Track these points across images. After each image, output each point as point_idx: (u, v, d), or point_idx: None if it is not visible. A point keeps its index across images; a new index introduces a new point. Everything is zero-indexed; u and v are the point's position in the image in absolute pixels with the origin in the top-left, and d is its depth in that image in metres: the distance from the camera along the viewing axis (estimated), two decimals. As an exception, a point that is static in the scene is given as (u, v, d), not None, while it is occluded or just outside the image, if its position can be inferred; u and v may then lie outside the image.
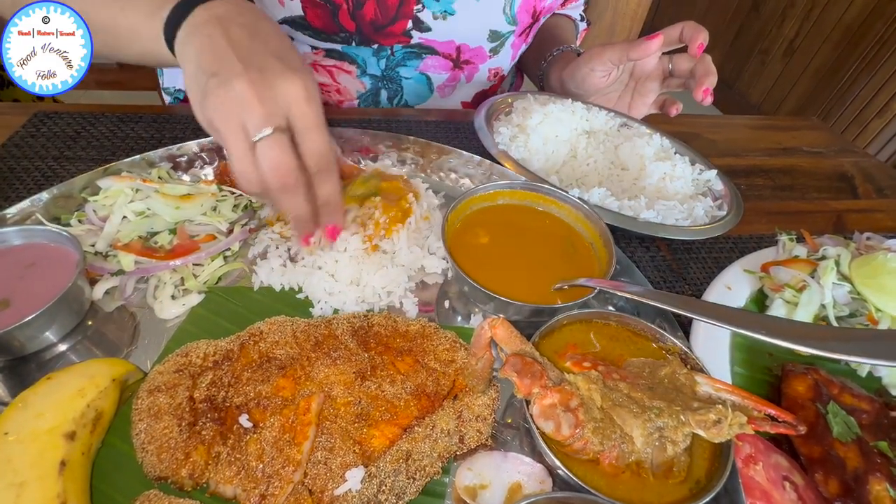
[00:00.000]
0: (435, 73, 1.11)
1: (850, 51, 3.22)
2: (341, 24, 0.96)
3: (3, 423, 0.43)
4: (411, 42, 1.02)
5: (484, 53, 1.08)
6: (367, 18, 0.96)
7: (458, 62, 1.09)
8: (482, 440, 0.55)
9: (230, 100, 0.53)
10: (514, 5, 1.02)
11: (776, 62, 3.68)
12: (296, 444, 0.50)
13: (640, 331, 0.60)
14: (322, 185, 0.60)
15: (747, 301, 0.71)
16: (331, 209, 0.63)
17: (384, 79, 1.10)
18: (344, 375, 0.57)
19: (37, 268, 0.60)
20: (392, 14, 0.97)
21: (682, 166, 0.88)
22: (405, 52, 1.05)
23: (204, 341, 0.60)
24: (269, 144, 0.54)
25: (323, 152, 0.58)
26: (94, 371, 0.51)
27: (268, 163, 0.55)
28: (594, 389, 0.50)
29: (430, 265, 0.71)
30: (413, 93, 1.15)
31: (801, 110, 3.56)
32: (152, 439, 0.50)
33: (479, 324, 0.54)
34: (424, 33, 1.01)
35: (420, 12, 0.98)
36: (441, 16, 0.99)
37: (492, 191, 0.75)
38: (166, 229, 0.68)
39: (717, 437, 0.45)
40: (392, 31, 1.00)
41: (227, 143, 0.55)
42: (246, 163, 0.55)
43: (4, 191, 0.79)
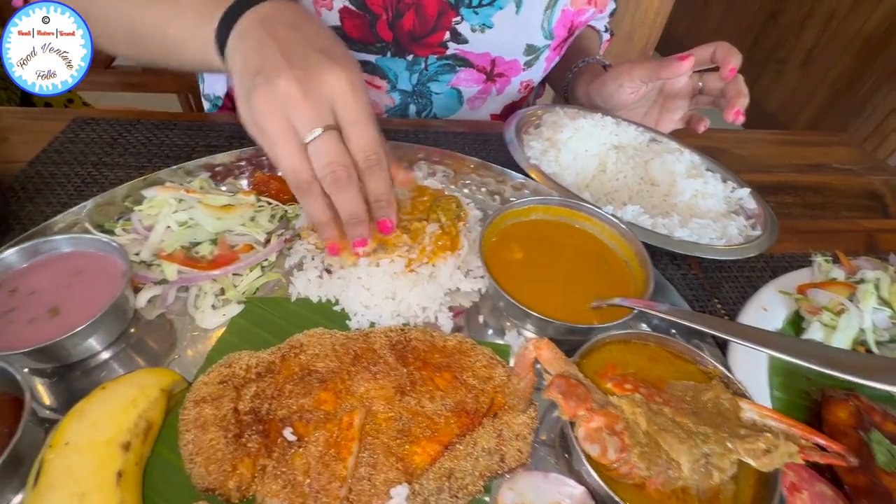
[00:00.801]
0: (466, 86, 1.11)
1: (869, 62, 3.19)
2: (378, 35, 0.97)
3: (62, 433, 0.44)
4: (447, 53, 1.03)
5: (518, 67, 1.09)
6: (406, 29, 0.97)
7: (491, 75, 1.09)
8: (522, 459, 0.55)
9: (276, 98, 0.53)
10: (552, 20, 1.02)
11: (793, 72, 3.65)
12: (340, 460, 0.51)
13: (679, 352, 0.60)
14: (372, 181, 0.58)
15: (784, 323, 0.70)
16: (382, 205, 0.61)
17: (414, 94, 1.11)
18: (384, 390, 0.58)
19: (84, 276, 0.61)
20: (431, 26, 0.97)
21: (713, 183, 0.88)
22: (439, 66, 1.06)
23: (246, 352, 0.61)
24: (320, 143, 0.53)
25: (372, 146, 0.56)
26: (144, 381, 0.52)
27: (320, 160, 0.54)
28: (639, 413, 0.50)
29: (465, 286, 0.72)
30: (442, 106, 1.15)
31: (818, 121, 3.53)
32: (200, 451, 0.51)
33: (523, 343, 0.54)
34: (461, 45, 1.01)
35: (458, 24, 0.98)
36: (479, 28, 0.99)
37: (526, 206, 0.76)
38: (207, 239, 0.69)
39: (766, 466, 0.45)
40: (429, 42, 1.00)
41: (275, 143, 0.54)
42: (296, 160, 0.54)
43: (47, 196, 0.81)
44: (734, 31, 4.11)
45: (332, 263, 0.72)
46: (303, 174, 0.56)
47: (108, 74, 1.84)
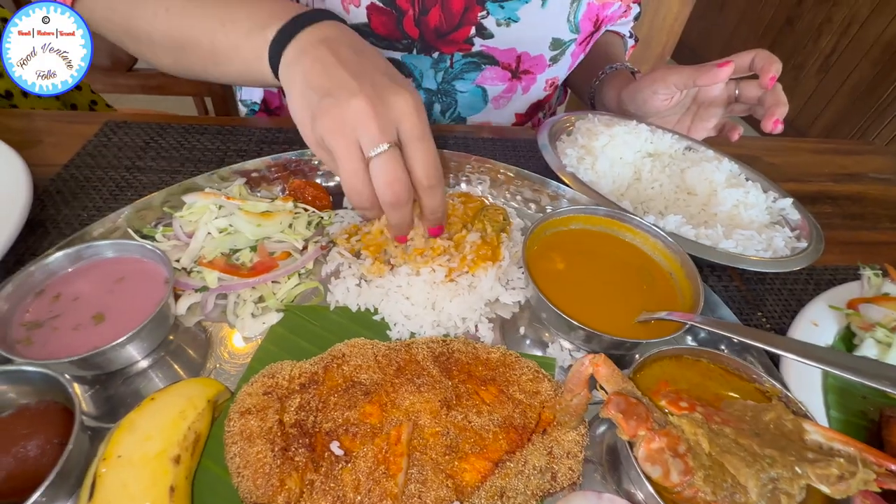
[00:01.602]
0: (492, 84, 1.10)
1: (889, 68, 3.14)
2: (405, 31, 0.97)
3: (115, 446, 0.43)
4: (472, 50, 1.02)
5: (544, 62, 1.08)
6: (432, 25, 0.97)
7: (516, 72, 1.08)
8: (574, 478, 0.53)
9: (347, 117, 0.54)
10: (578, 13, 1.01)
11: (811, 78, 3.61)
12: (391, 476, 0.49)
13: (734, 369, 0.58)
14: (430, 199, 0.60)
15: (835, 339, 0.68)
16: (437, 218, 0.64)
17: (439, 92, 1.10)
18: (429, 404, 0.56)
19: (127, 282, 0.61)
20: (456, 21, 0.97)
21: (755, 193, 0.86)
22: (465, 64, 1.05)
23: (288, 362, 0.60)
24: (384, 160, 0.54)
25: (434, 164, 0.58)
26: (191, 392, 0.51)
27: (383, 178, 0.55)
28: (701, 434, 0.48)
29: (505, 297, 0.70)
30: (467, 105, 1.15)
31: (837, 128, 3.48)
32: (247, 464, 0.50)
33: (579, 359, 0.52)
34: (487, 40, 1.01)
35: (484, 19, 0.98)
36: (505, 23, 0.98)
37: (566, 215, 0.74)
38: (247, 246, 0.68)
39: (842, 493, 0.43)
40: (455, 39, 1.00)
41: (340, 160, 0.55)
42: (359, 179, 0.55)
43: (82, 200, 0.81)
44: (750, 37, 4.08)
45: (366, 273, 0.71)
46: (364, 194, 0.57)
47: (130, 77, 1.87)
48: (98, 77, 1.64)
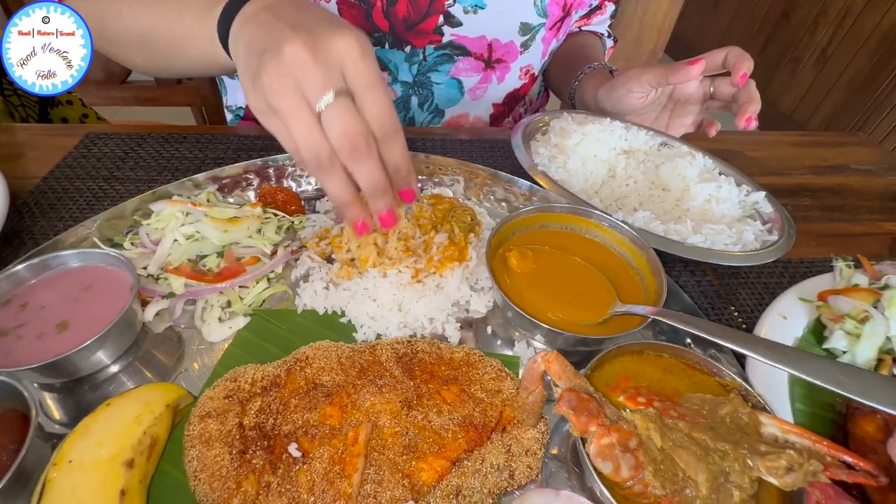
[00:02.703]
0: (467, 76, 1.12)
1: (886, 60, 3.11)
2: (375, 24, 0.98)
3: (67, 451, 0.44)
4: (443, 41, 1.03)
5: (515, 49, 1.09)
6: (401, 16, 0.98)
7: (489, 62, 1.09)
8: (532, 476, 0.53)
9: (284, 67, 0.49)
10: None
11: (808, 71, 3.58)
12: (346, 477, 0.50)
13: (695, 363, 0.58)
14: (391, 150, 0.54)
15: (805, 331, 0.68)
16: (402, 174, 0.57)
17: (415, 85, 1.12)
18: (390, 404, 0.57)
19: (93, 290, 0.62)
20: (424, 10, 0.98)
21: (727, 188, 0.86)
22: (437, 56, 1.07)
23: (252, 366, 0.60)
24: (335, 110, 0.50)
25: (388, 112, 0.53)
26: (150, 397, 0.52)
27: (337, 129, 0.50)
28: (653, 429, 0.48)
29: (475, 297, 0.71)
30: (444, 97, 1.15)
31: (834, 120, 3.45)
32: (204, 467, 0.50)
33: (532, 357, 0.52)
34: (456, 28, 1.02)
35: (451, 7, 0.99)
36: (472, 10, 1.00)
37: (533, 214, 0.74)
38: (214, 252, 0.69)
39: (790, 485, 0.43)
40: (424, 29, 1.01)
41: (288, 118, 0.51)
42: (313, 134, 0.50)
43: (59, 211, 0.82)
44: (745, 32, 4.05)
45: (334, 277, 0.71)
46: (321, 149, 0.51)
47: (124, 90, 1.89)
48: (92, 90, 1.67)
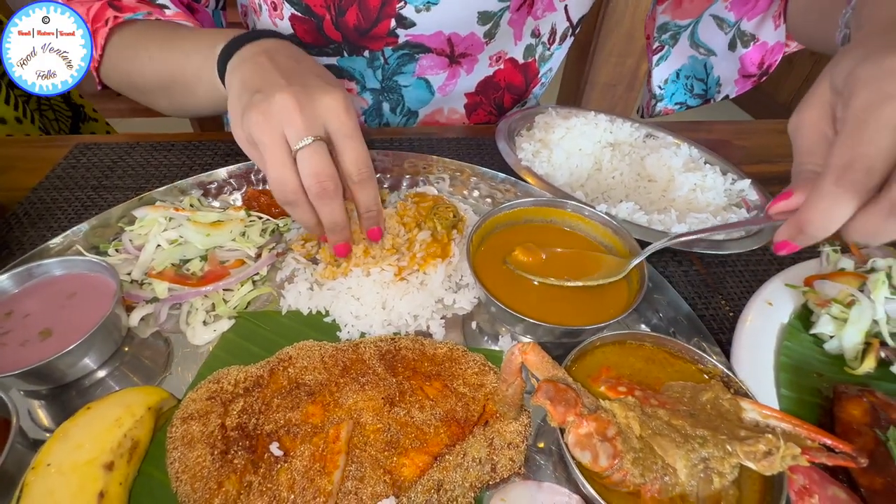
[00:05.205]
0: (433, 74, 1.07)
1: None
2: (327, 36, 0.98)
3: (45, 455, 0.44)
4: (399, 42, 1.00)
5: (479, 41, 1.02)
6: (351, 25, 0.96)
7: (453, 57, 1.04)
8: (515, 469, 0.53)
9: (272, 111, 0.56)
10: None
11: (804, 61, 3.56)
12: (326, 474, 0.50)
13: (677, 352, 0.57)
14: (362, 194, 0.62)
15: (791, 317, 0.67)
16: (373, 215, 0.65)
17: (384, 90, 1.10)
18: (373, 401, 0.57)
19: (78, 297, 0.62)
20: (374, 16, 0.96)
21: (712, 176, 0.85)
22: (398, 58, 1.03)
23: (235, 367, 0.60)
24: (309, 151, 0.56)
25: (364, 159, 0.60)
26: (131, 400, 0.52)
27: (308, 169, 0.57)
28: (632, 417, 0.47)
29: (459, 294, 0.71)
30: (414, 98, 1.12)
31: (834, 109, 3.42)
32: (186, 468, 0.51)
33: (510, 349, 0.52)
34: (409, 29, 0.98)
35: (402, 9, 0.95)
36: (425, 8, 0.95)
37: (516, 209, 0.74)
38: (197, 256, 0.70)
39: (767, 469, 0.42)
40: (377, 34, 0.98)
41: (265, 152, 0.57)
42: (285, 170, 0.57)
43: (48, 221, 0.83)
44: (740, 23, 4.04)
45: (319, 277, 0.72)
46: (289, 184, 0.58)
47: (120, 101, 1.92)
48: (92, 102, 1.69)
